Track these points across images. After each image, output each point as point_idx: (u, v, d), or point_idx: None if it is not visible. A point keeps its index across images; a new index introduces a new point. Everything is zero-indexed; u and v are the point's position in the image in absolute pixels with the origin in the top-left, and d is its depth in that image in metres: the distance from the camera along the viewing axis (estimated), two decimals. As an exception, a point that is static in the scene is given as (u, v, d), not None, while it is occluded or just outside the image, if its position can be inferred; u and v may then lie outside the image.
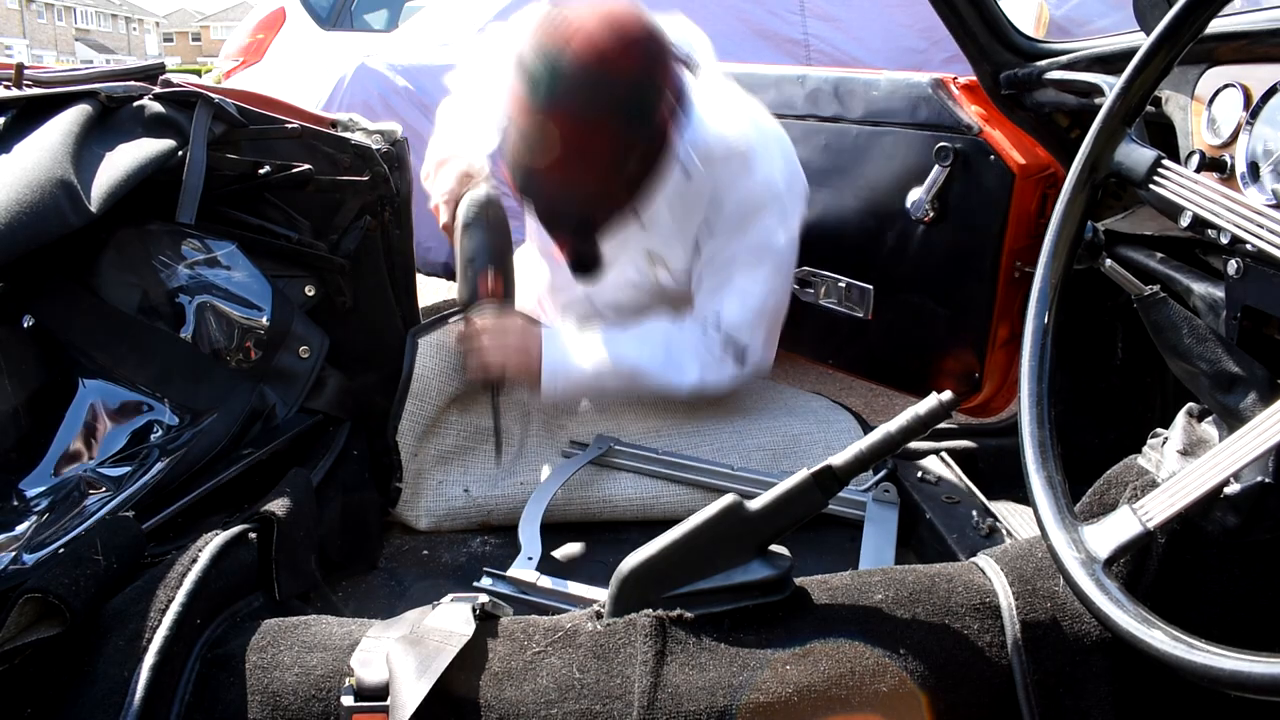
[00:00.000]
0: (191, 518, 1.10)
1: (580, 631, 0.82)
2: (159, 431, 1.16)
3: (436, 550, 1.31)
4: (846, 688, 0.77)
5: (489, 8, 2.85)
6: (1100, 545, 0.70)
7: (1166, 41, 0.79)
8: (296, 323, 1.31)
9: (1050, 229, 0.86)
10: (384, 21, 4.13)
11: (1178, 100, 1.03)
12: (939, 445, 1.51)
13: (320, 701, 0.77)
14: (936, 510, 1.31)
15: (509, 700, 0.77)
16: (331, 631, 0.84)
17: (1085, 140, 0.85)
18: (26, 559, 0.95)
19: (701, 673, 0.78)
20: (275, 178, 1.30)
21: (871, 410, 2.43)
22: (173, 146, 1.17)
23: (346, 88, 2.73)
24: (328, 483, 1.22)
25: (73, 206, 0.98)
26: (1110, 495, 0.90)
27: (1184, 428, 0.89)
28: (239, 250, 1.29)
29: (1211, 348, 0.88)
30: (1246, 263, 0.88)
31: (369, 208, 1.40)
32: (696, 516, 0.83)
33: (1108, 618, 0.65)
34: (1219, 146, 0.94)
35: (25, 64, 1.17)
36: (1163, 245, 1.09)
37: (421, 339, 1.43)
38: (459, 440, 1.42)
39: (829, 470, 0.85)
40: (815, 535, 1.34)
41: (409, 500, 1.35)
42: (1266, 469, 0.75)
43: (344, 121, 1.41)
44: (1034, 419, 0.79)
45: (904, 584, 0.86)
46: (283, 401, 1.29)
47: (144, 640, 0.78)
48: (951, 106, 1.45)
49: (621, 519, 1.37)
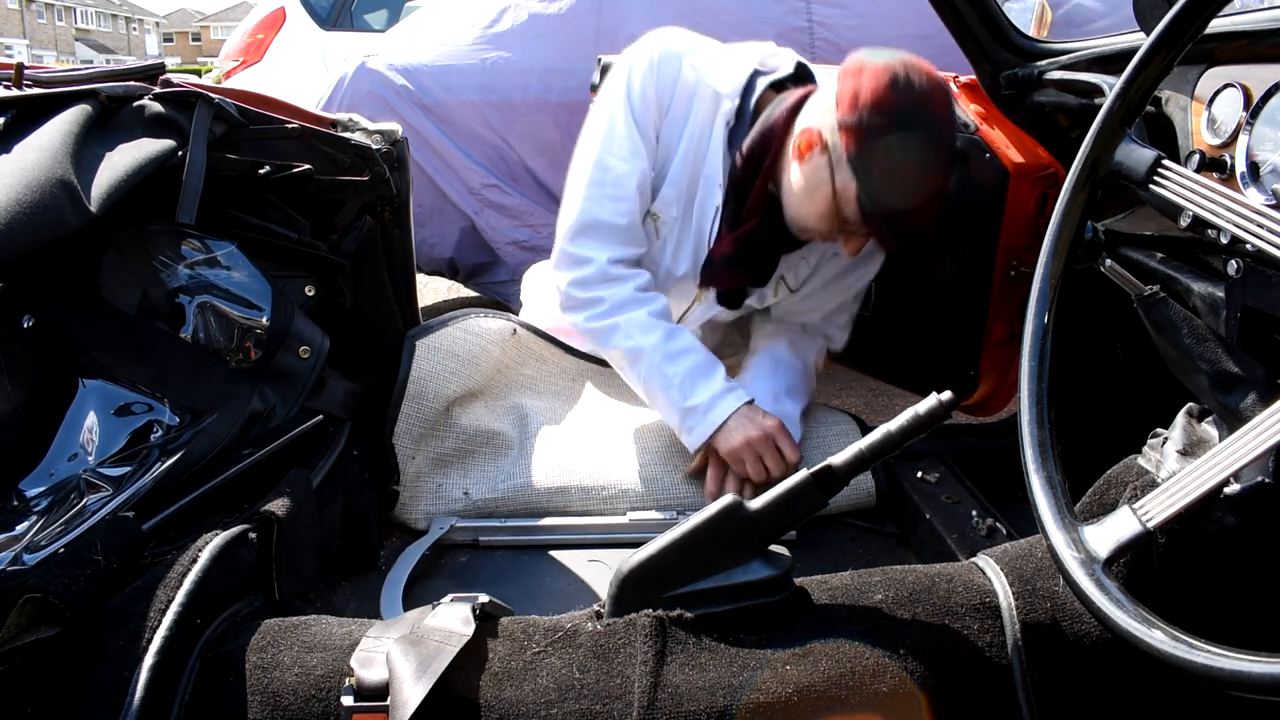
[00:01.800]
0: (191, 518, 1.10)
1: (580, 631, 0.82)
2: (159, 431, 1.16)
3: (437, 550, 1.30)
4: (846, 688, 0.77)
5: (489, 8, 2.86)
6: (1100, 545, 0.70)
7: (1166, 41, 0.79)
8: (296, 323, 1.31)
9: (1050, 229, 0.86)
10: (384, 21, 4.13)
11: (1178, 100, 1.03)
12: (939, 445, 1.51)
13: (320, 701, 0.77)
14: (936, 510, 1.31)
15: (509, 700, 0.77)
16: (331, 631, 0.84)
17: (1085, 140, 0.85)
18: (26, 559, 0.95)
19: (701, 673, 0.78)
20: (275, 178, 1.30)
21: (871, 410, 2.43)
22: (173, 146, 1.17)
23: (346, 88, 2.73)
24: (328, 483, 1.22)
25: (73, 206, 0.97)
26: (1110, 495, 0.90)
27: (1184, 428, 0.89)
28: (239, 250, 1.29)
29: (1211, 348, 0.88)
30: (1246, 263, 0.88)
31: (369, 208, 1.40)
32: (696, 516, 0.83)
33: (1108, 618, 0.65)
34: (1219, 146, 0.94)
35: (25, 64, 1.17)
36: (1163, 245, 1.09)
37: (419, 341, 1.43)
38: (458, 443, 1.42)
39: (829, 470, 0.85)
40: (815, 535, 1.34)
41: (408, 502, 1.35)
42: (1266, 469, 0.76)
43: (344, 121, 1.40)
44: (1034, 419, 0.79)
45: (904, 584, 0.86)
46: (283, 402, 1.29)
47: (144, 640, 0.78)
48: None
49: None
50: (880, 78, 1.21)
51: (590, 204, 1.41)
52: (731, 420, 1.36)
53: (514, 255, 2.78)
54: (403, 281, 1.50)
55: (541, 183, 2.77)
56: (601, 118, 1.43)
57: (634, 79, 1.40)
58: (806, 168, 1.28)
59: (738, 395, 1.38)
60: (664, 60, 1.40)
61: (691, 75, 1.40)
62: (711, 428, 1.36)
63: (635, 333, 1.39)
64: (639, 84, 1.40)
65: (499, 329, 1.57)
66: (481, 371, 1.50)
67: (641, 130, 1.41)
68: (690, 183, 1.42)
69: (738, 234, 1.39)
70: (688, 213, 1.44)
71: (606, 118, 1.42)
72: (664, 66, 1.40)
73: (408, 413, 1.38)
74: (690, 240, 1.45)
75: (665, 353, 1.38)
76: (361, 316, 1.43)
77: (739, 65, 1.40)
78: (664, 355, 1.38)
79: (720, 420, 1.36)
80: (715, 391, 1.37)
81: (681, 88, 1.40)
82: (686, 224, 1.45)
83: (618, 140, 1.40)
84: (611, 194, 1.40)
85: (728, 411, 1.36)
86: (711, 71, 1.40)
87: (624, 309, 1.40)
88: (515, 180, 2.79)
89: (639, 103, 1.40)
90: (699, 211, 1.43)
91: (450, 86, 2.73)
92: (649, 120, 1.41)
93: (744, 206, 1.38)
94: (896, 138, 1.20)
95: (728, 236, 1.40)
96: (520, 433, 1.47)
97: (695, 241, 1.45)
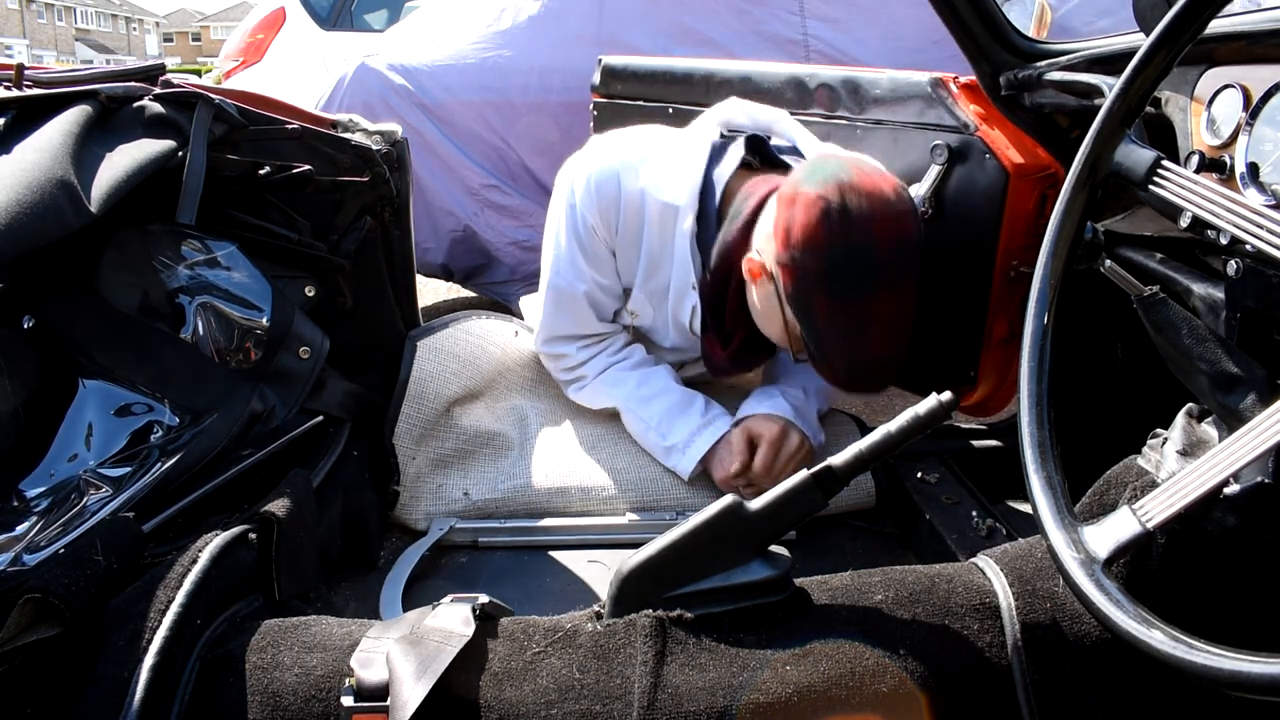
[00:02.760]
0: (191, 518, 1.10)
1: (580, 632, 0.82)
2: (159, 432, 1.16)
3: (437, 551, 1.30)
4: (846, 688, 0.77)
5: (488, 7, 2.86)
6: (1100, 545, 0.70)
7: (1166, 42, 0.79)
8: (296, 323, 1.31)
9: (1050, 229, 0.86)
10: (384, 21, 4.13)
11: (1178, 100, 1.03)
12: (939, 445, 1.51)
13: (320, 702, 0.77)
14: (936, 510, 1.31)
15: (509, 700, 0.77)
16: (331, 632, 0.84)
17: (1085, 140, 0.85)
18: (27, 559, 0.95)
19: (701, 673, 0.78)
20: (275, 178, 1.30)
21: (871, 410, 2.42)
22: (173, 147, 1.17)
23: (346, 88, 2.73)
24: (328, 483, 1.22)
25: (73, 207, 0.98)
26: (1110, 495, 0.90)
27: (1184, 428, 0.89)
28: (239, 251, 1.29)
29: (1211, 348, 0.88)
30: (1246, 263, 0.87)
31: (369, 208, 1.40)
32: (696, 516, 0.83)
33: (1107, 618, 0.65)
34: (1219, 147, 0.94)
35: (25, 64, 1.17)
36: (1163, 245, 1.09)
37: (420, 341, 1.43)
38: (458, 443, 1.42)
39: (829, 470, 0.85)
40: (815, 535, 1.34)
41: (408, 502, 1.35)
42: (1266, 469, 0.75)
43: (344, 122, 1.41)
44: (1034, 419, 0.79)
45: (904, 584, 0.86)
46: (283, 402, 1.29)
47: (144, 640, 0.78)
48: (949, 105, 1.45)
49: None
50: (811, 211, 1.09)
51: (551, 319, 1.48)
52: (719, 449, 1.37)
53: (514, 255, 2.78)
54: (403, 282, 1.50)
55: (541, 183, 2.77)
56: (550, 235, 1.44)
57: (575, 202, 1.36)
58: (759, 293, 1.23)
59: (717, 426, 1.38)
60: (600, 184, 1.33)
61: (635, 188, 1.32)
62: (694, 461, 1.37)
63: (611, 390, 1.47)
64: (580, 209, 1.36)
65: (500, 330, 1.57)
66: (482, 372, 1.50)
67: (589, 252, 1.39)
68: (661, 288, 1.40)
69: (730, 351, 1.38)
70: (663, 312, 1.43)
71: (554, 238, 1.42)
72: (602, 190, 1.33)
73: (408, 413, 1.38)
74: (672, 330, 1.46)
75: (639, 399, 1.44)
76: (361, 317, 1.43)
77: (688, 170, 1.32)
78: (638, 401, 1.44)
79: (702, 453, 1.37)
80: (693, 427, 1.39)
81: (626, 205, 1.33)
82: (665, 320, 1.44)
83: (563, 263, 1.41)
84: (569, 310, 1.45)
85: (708, 443, 1.37)
86: (658, 184, 1.32)
87: (599, 374, 1.49)
88: (515, 180, 2.79)
89: (583, 229, 1.37)
90: (675, 311, 1.41)
91: (450, 86, 2.73)
92: (597, 242, 1.38)
93: (724, 319, 1.36)
94: (832, 277, 1.09)
95: (719, 350, 1.39)
96: (520, 433, 1.47)
97: (678, 330, 1.45)
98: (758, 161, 1.38)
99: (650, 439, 1.42)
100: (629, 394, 1.45)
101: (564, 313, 1.46)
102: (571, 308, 1.45)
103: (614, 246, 1.39)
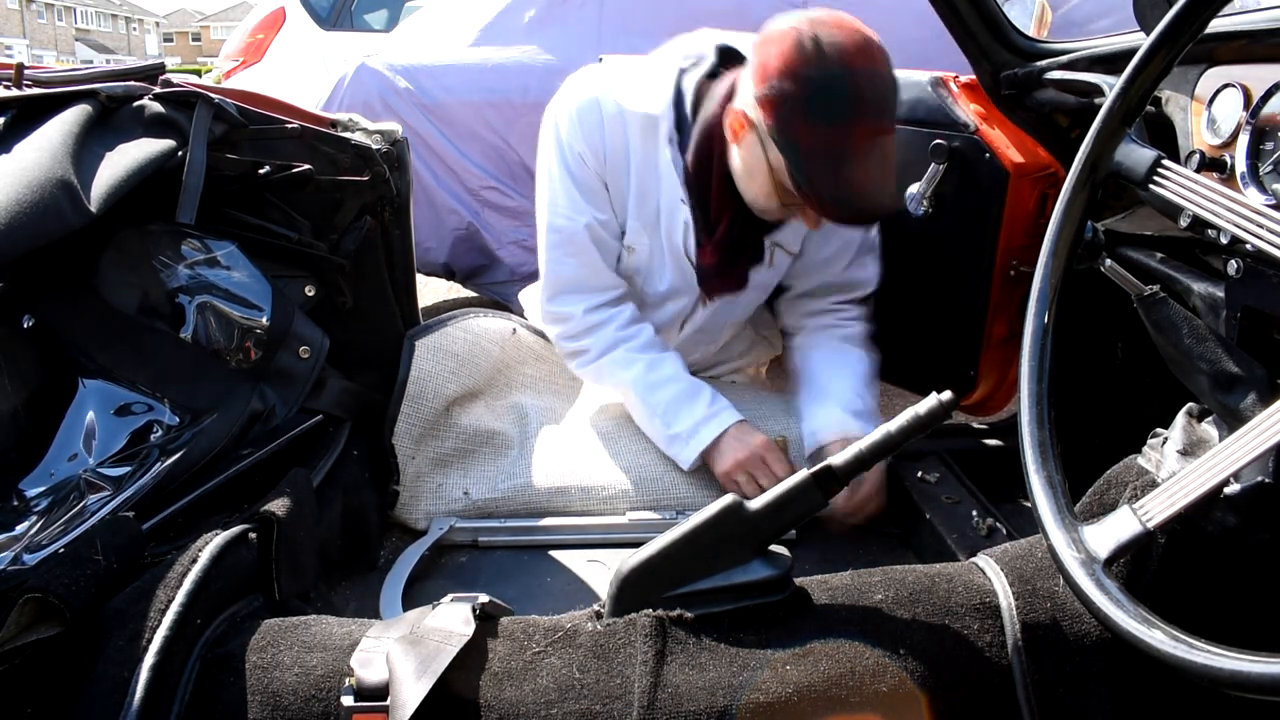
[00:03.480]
0: (191, 518, 1.10)
1: (580, 631, 0.82)
2: (159, 431, 1.16)
3: (437, 550, 1.31)
4: (846, 688, 0.77)
5: (489, 8, 2.86)
6: (1100, 545, 0.70)
7: (1166, 41, 0.79)
8: (296, 323, 1.31)
9: (1050, 229, 0.86)
10: (384, 21, 4.13)
11: (1178, 100, 1.03)
12: (939, 445, 1.51)
13: (320, 701, 0.77)
14: (936, 510, 1.31)
15: (509, 700, 0.77)
16: (331, 631, 0.84)
17: (1085, 140, 0.85)
18: (27, 559, 0.95)
19: (701, 673, 0.78)
20: (275, 178, 1.30)
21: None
22: (173, 146, 1.17)
23: (346, 88, 2.73)
24: (328, 483, 1.22)
25: (73, 206, 0.98)
26: (1110, 495, 0.90)
27: (1184, 428, 0.88)
28: (239, 250, 1.29)
29: (1211, 348, 0.88)
30: (1246, 263, 0.88)
31: (369, 208, 1.40)
32: (697, 516, 0.83)
33: (1108, 618, 0.65)
34: (1219, 146, 0.94)
35: (25, 64, 1.17)
36: (1163, 245, 1.09)
37: (419, 341, 1.43)
38: (458, 443, 1.42)
39: (829, 470, 0.85)
40: (815, 535, 1.34)
41: (408, 502, 1.35)
42: (1266, 469, 0.75)
43: (344, 121, 1.40)
44: (1034, 419, 0.79)
45: (904, 584, 0.86)
46: (283, 402, 1.29)
47: (144, 640, 0.78)
48: (949, 104, 1.45)
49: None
50: (785, 42, 1.15)
51: (553, 265, 1.46)
52: (722, 443, 1.37)
53: (514, 255, 2.78)
54: (403, 281, 1.50)
55: (541, 183, 2.77)
56: (542, 180, 1.44)
57: (562, 137, 1.39)
58: (742, 149, 1.26)
59: (722, 419, 1.38)
60: (582, 111, 1.37)
61: (615, 110, 1.37)
62: (696, 452, 1.37)
63: (618, 371, 1.45)
64: (567, 141, 1.38)
65: (499, 329, 1.57)
66: (481, 371, 1.50)
67: (583, 185, 1.40)
68: (652, 210, 1.41)
69: (716, 240, 1.38)
70: (658, 238, 1.43)
71: (546, 180, 1.43)
72: (584, 118, 1.37)
73: (408, 413, 1.38)
74: (668, 260, 1.45)
75: (646, 384, 1.43)
76: (361, 316, 1.43)
77: (660, 79, 1.37)
78: (645, 387, 1.43)
79: (704, 444, 1.37)
80: (699, 418, 1.39)
81: (610, 128, 1.37)
82: (660, 248, 1.44)
83: (560, 201, 1.41)
84: (569, 252, 1.44)
85: (711, 435, 1.37)
86: (634, 98, 1.37)
87: (607, 352, 1.46)
88: (515, 180, 2.79)
89: (573, 161, 1.39)
90: (668, 233, 1.42)
91: (450, 86, 2.73)
92: (589, 173, 1.39)
93: (710, 209, 1.36)
94: (811, 101, 1.13)
95: (708, 245, 1.39)
96: (520, 432, 1.47)
97: (674, 260, 1.45)
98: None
99: (654, 426, 1.42)
100: (636, 377, 1.43)
101: (567, 257, 1.44)
102: (574, 249, 1.43)
103: (605, 177, 1.40)
